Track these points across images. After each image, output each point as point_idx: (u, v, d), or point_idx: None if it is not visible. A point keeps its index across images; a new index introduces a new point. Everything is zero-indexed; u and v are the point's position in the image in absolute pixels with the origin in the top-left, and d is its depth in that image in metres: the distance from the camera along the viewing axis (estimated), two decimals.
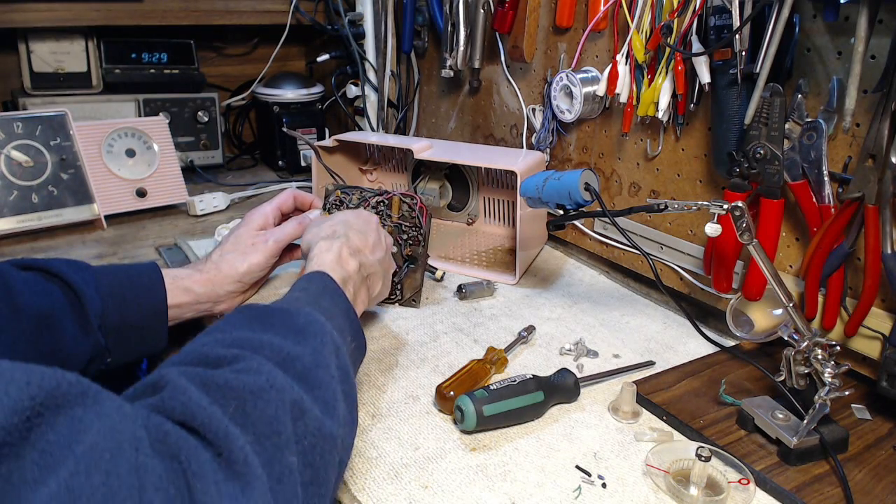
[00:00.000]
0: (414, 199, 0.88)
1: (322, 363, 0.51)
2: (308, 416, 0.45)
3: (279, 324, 0.53)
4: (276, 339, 0.50)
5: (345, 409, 0.51)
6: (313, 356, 0.50)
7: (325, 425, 0.46)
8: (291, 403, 0.44)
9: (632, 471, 0.60)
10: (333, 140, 1.13)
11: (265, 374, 0.44)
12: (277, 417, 0.42)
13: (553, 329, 0.85)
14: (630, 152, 0.96)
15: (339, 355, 0.54)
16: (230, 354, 0.46)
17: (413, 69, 1.38)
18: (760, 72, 0.70)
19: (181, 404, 0.39)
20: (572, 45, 1.01)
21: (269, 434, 0.41)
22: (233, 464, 0.38)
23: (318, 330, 0.54)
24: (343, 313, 0.62)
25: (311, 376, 0.48)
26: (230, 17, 1.40)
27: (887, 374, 0.65)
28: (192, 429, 0.38)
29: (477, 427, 0.63)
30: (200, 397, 0.40)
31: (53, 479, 0.29)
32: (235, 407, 0.41)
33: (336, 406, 0.49)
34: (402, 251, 0.88)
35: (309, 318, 0.55)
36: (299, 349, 0.50)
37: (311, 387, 0.48)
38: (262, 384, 0.43)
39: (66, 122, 1.11)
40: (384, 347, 0.79)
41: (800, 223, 0.76)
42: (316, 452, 0.45)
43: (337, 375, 0.51)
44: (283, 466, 0.41)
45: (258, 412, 0.42)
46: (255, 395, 0.42)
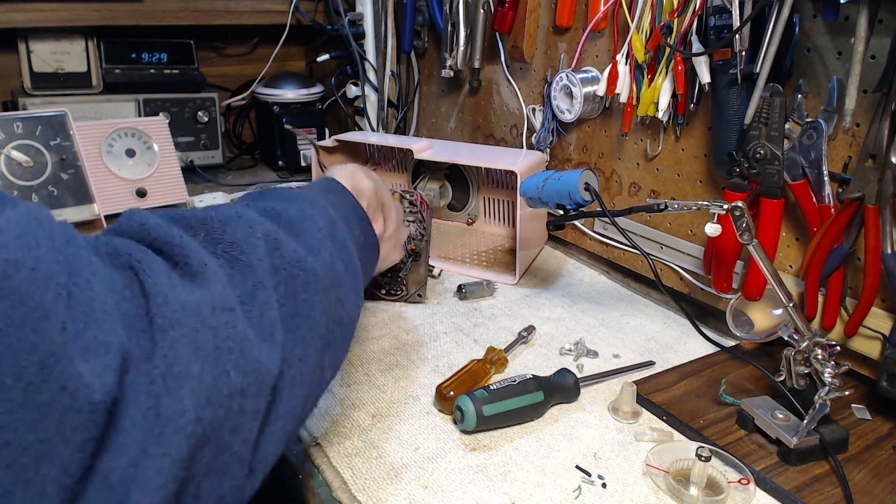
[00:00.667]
0: (414, 195, 0.88)
1: (309, 217, 0.48)
2: (286, 248, 0.43)
3: (272, 195, 0.51)
4: (265, 202, 0.48)
5: (340, 267, 0.48)
6: (299, 212, 0.48)
7: (307, 260, 0.44)
8: (265, 234, 0.42)
9: (632, 471, 0.60)
10: (333, 140, 1.13)
11: (235, 209, 0.43)
12: (248, 241, 0.40)
13: (553, 329, 0.85)
14: (630, 152, 0.96)
15: (334, 225, 0.51)
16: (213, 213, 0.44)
17: (413, 69, 1.38)
18: (760, 72, 0.70)
19: (136, 223, 0.37)
20: (572, 45, 1.01)
21: (240, 254, 0.40)
22: (188, 267, 0.36)
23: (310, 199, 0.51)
24: (350, 209, 0.59)
25: (295, 223, 0.46)
26: (230, 17, 1.40)
27: (887, 374, 0.65)
28: (147, 243, 0.36)
29: (477, 427, 0.63)
30: (159, 219, 0.38)
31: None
32: (204, 233, 0.39)
33: (321, 251, 0.46)
34: (406, 247, 0.88)
35: (302, 193, 0.52)
36: (285, 206, 0.48)
37: (293, 231, 0.45)
38: (231, 214, 0.42)
39: (66, 122, 1.11)
40: (384, 347, 0.79)
41: (800, 223, 0.76)
42: (297, 283, 0.42)
43: (327, 231, 0.49)
44: (255, 282, 0.39)
45: (227, 236, 0.40)
46: (223, 223, 0.41)
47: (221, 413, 0.34)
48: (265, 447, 0.39)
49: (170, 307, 0.33)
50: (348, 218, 0.58)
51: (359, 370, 0.74)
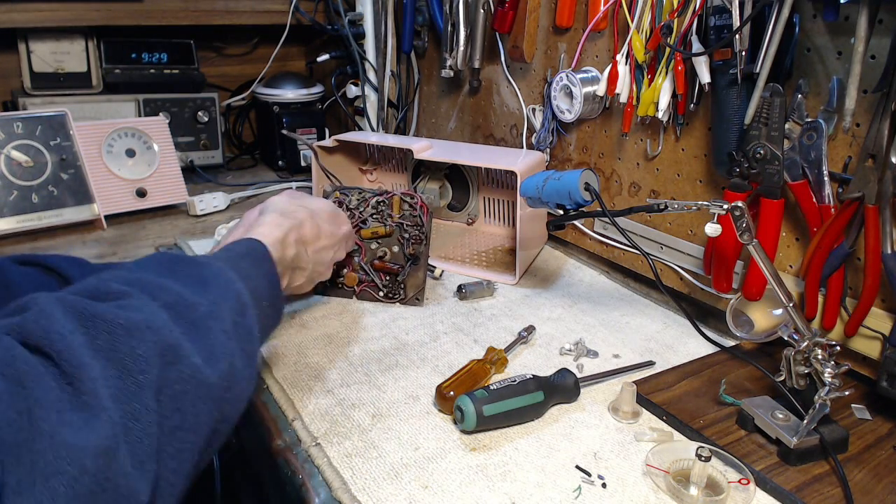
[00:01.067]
0: (414, 198, 0.88)
1: (216, 315, 0.49)
2: (183, 363, 0.43)
3: (185, 272, 0.52)
4: (176, 286, 0.49)
5: (239, 365, 0.49)
6: (209, 307, 0.49)
7: (203, 373, 0.45)
8: (166, 347, 0.43)
9: (632, 471, 0.60)
10: (333, 140, 1.13)
11: (146, 314, 0.43)
12: (146, 357, 0.41)
13: (553, 329, 0.85)
14: (630, 152, 0.96)
15: (243, 313, 0.53)
16: (121, 291, 0.45)
17: (413, 69, 1.38)
18: (760, 72, 0.70)
19: (41, 328, 0.38)
20: (572, 45, 1.01)
21: (133, 371, 0.40)
22: (81, 394, 0.37)
23: (223, 284, 0.53)
24: (264, 278, 0.61)
25: (201, 325, 0.47)
26: (230, 17, 1.40)
27: (887, 374, 0.65)
28: (46, 354, 0.37)
29: (477, 427, 0.63)
30: (63, 325, 0.39)
31: None
32: (104, 340, 0.40)
33: (221, 358, 0.47)
34: (405, 250, 0.88)
35: (218, 272, 0.53)
36: (196, 298, 0.49)
37: (198, 335, 0.46)
38: (138, 321, 0.42)
39: (66, 122, 1.11)
40: (384, 347, 0.79)
41: (800, 223, 0.76)
42: (187, 399, 0.43)
43: (232, 331, 0.50)
44: (141, 406, 0.40)
45: (126, 348, 0.40)
46: (128, 332, 0.41)
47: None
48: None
49: (54, 451, 0.34)
50: (258, 290, 0.59)
51: (359, 370, 0.74)
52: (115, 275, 0.49)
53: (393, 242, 0.89)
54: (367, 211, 0.89)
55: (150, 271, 0.51)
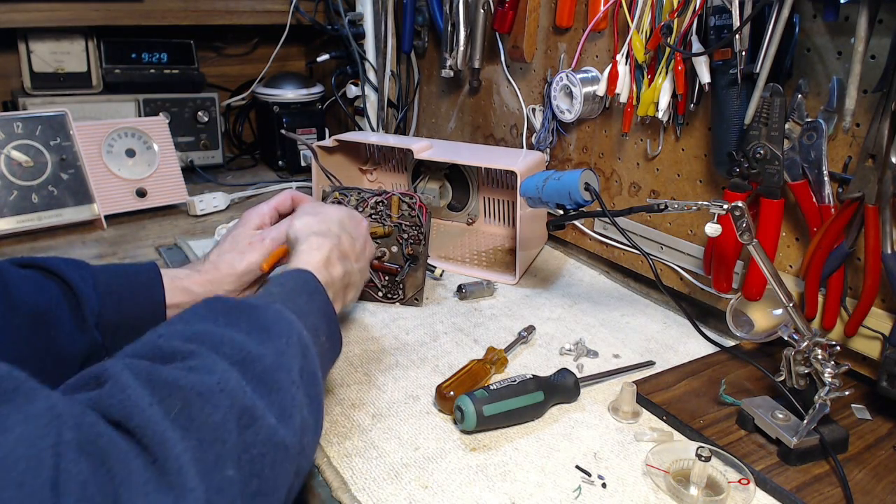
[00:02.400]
0: (413, 199, 0.88)
1: (284, 366, 0.48)
2: (259, 424, 0.42)
3: (245, 319, 0.50)
4: (239, 336, 0.48)
5: (307, 415, 0.48)
6: (276, 358, 0.48)
7: (279, 434, 0.44)
8: (241, 410, 0.42)
9: (632, 471, 0.60)
10: (333, 140, 1.13)
11: (218, 375, 0.42)
12: (224, 425, 0.40)
13: (553, 329, 0.85)
14: (630, 152, 0.96)
15: (306, 356, 0.52)
16: (186, 349, 0.44)
17: (413, 69, 1.38)
18: (760, 72, 0.70)
19: (119, 402, 0.37)
20: (572, 45, 1.01)
21: (213, 441, 0.39)
22: (166, 473, 0.36)
23: (286, 329, 0.51)
24: (320, 312, 0.60)
25: (269, 379, 0.46)
26: (230, 17, 1.40)
27: (887, 374, 0.65)
28: (127, 430, 0.36)
29: (477, 427, 0.63)
30: (141, 396, 0.38)
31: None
32: (180, 409, 0.39)
33: (293, 413, 0.46)
34: (403, 250, 0.88)
35: (278, 316, 0.52)
36: (261, 349, 0.47)
37: (269, 391, 0.45)
38: (212, 386, 0.41)
39: (66, 122, 1.11)
40: (384, 347, 0.79)
41: (800, 223, 0.76)
42: (265, 463, 0.42)
43: (299, 380, 0.49)
44: (223, 477, 0.39)
45: (204, 416, 0.39)
46: (203, 398, 0.40)
47: None
48: None
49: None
50: (317, 327, 0.58)
51: (359, 370, 0.74)
52: (173, 330, 0.48)
53: (392, 243, 0.89)
54: (366, 211, 0.89)
55: (207, 321, 0.49)
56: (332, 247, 0.68)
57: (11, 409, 0.31)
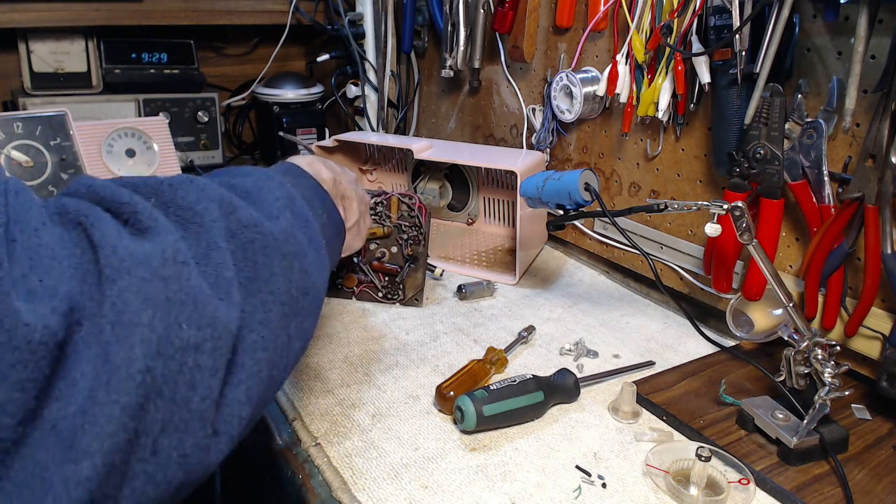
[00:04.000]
0: (413, 199, 0.88)
1: (265, 188, 0.48)
2: (241, 212, 0.42)
3: (225, 171, 0.51)
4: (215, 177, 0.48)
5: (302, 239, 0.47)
6: (255, 183, 0.48)
7: (265, 225, 0.43)
8: (219, 199, 0.41)
9: (632, 471, 0.60)
10: (333, 140, 1.13)
11: (187, 176, 0.42)
12: (200, 202, 0.40)
13: (553, 329, 0.85)
14: (630, 152, 0.96)
15: (293, 202, 0.50)
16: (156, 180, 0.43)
17: (413, 69, 1.38)
18: (760, 72, 0.70)
19: (84, 186, 0.37)
20: (572, 45, 1.01)
21: (190, 217, 0.39)
22: (138, 223, 0.36)
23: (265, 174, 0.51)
24: (311, 189, 0.58)
25: (249, 194, 0.46)
26: (230, 17, 1.40)
27: (887, 374, 0.65)
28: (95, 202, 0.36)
29: (477, 427, 0.63)
30: (106, 182, 0.38)
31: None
32: (156, 199, 0.39)
33: (279, 216, 0.46)
34: (403, 251, 0.88)
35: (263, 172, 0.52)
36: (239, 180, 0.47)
37: (250, 201, 0.45)
38: (181, 179, 0.41)
39: (66, 122, 1.11)
40: (384, 347, 0.79)
41: (800, 223, 0.76)
42: (255, 247, 0.42)
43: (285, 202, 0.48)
44: (209, 243, 0.39)
45: (177, 199, 0.39)
46: (173, 187, 0.40)
47: (174, 366, 0.34)
48: (229, 409, 0.38)
49: (118, 257, 0.33)
50: (308, 197, 0.57)
51: (359, 370, 0.74)
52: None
53: (391, 243, 0.89)
54: None
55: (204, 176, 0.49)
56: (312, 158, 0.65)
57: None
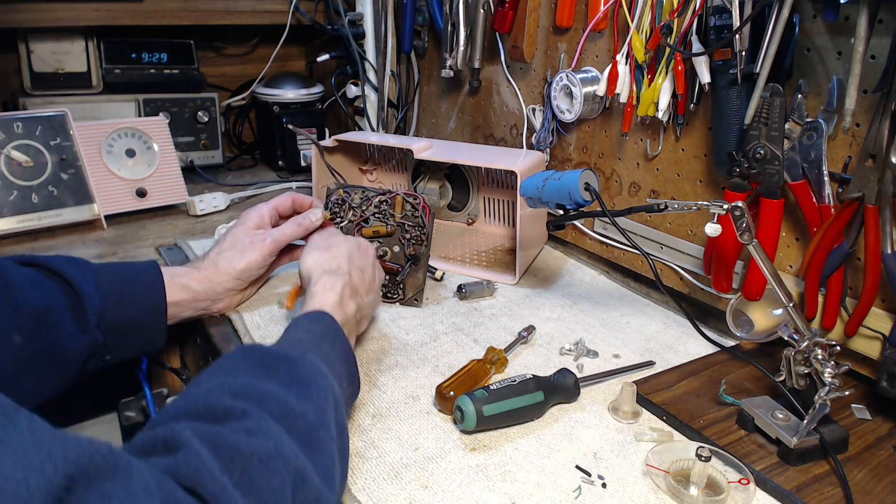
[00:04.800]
0: (417, 199, 0.88)
1: (324, 423, 0.51)
2: (308, 486, 0.46)
3: (284, 372, 0.53)
4: (281, 391, 0.50)
5: (339, 471, 0.51)
6: (317, 416, 0.51)
7: (324, 495, 0.47)
8: (295, 473, 0.45)
9: (632, 471, 0.60)
10: (333, 140, 1.13)
11: (273, 440, 0.45)
12: (281, 489, 0.43)
13: (553, 329, 0.85)
14: (630, 152, 0.96)
15: (337, 410, 0.54)
16: (237, 408, 0.47)
17: (413, 69, 1.38)
18: (760, 72, 0.70)
19: (194, 470, 0.39)
20: (572, 45, 1.01)
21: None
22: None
23: (322, 384, 0.54)
24: (342, 358, 0.62)
25: (313, 439, 0.49)
26: (230, 17, 1.40)
27: (887, 374, 0.65)
28: (201, 497, 0.39)
29: (477, 427, 0.63)
30: (212, 464, 0.40)
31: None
32: (242, 473, 0.42)
33: (334, 472, 0.50)
34: (405, 251, 0.88)
35: (314, 370, 0.55)
36: (303, 406, 0.50)
37: (313, 451, 0.48)
38: (270, 451, 0.44)
39: (66, 122, 1.11)
40: (384, 347, 0.79)
41: (800, 223, 0.76)
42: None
43: (335, 435, 0.52)
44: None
45: (264, 481, 0.42)
46: (263, 464, 0.43)
47: None
48: None
49: None
50: (341, 374, 0.60)
51: (359, 370, 0.74)
52: (218, 384, 0.50)
53: (394, 242, 0.89)
54: (370, 210, 0.89)
55: (247, 374, 0.52)
56: (343, 285, 0.69)
57: (115, 485, 0.34)
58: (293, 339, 0.61)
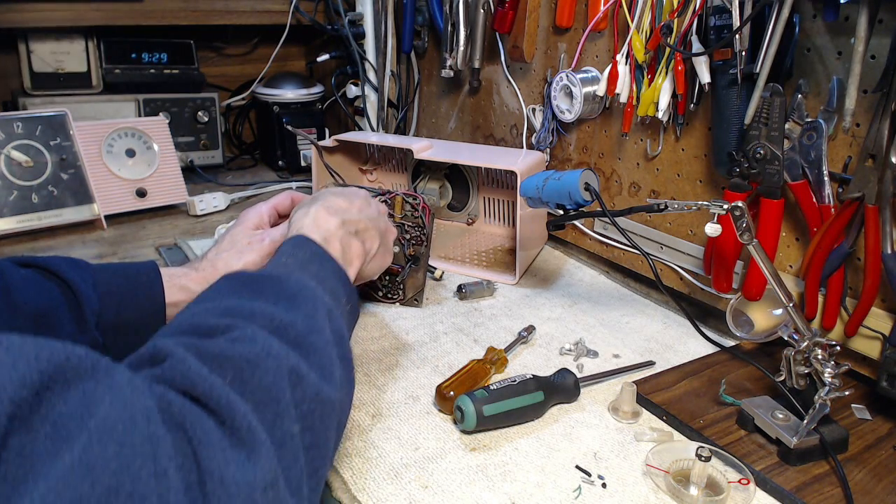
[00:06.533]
0: (417, 199, 0.87)
1: (316, 328, 0.50)
2: (306, 382, 0.45)
3: (269, 290, 0.52)
4: (268, 307, 0.49)
5: (341, 372, 0.50)
6: (306, 322, 0.50)
7: (324, 390, 0.46)
8: (289, 370, 0.44)
9: (632, 471, 0.60)
10: (333, 140, 1.13)
11: (260, 343, 0.44)
12: (276, 384, 0.42)
13: (553, 329, 0.85)
14: (630, 152, 0.96)
15: (332, 319, 0.53)
16: (223, 324, 0.46)
17: (413, 69, 1.38)
18: (760, 72, 0.70)
19: (181, 374, 0.39)
20: (572, 45, 1.01)
21: (269, 401, 0.42)
22: (237, 430, 0.38)
23: (310, 295, 0.53)
24: (333, 274, 0.61)
25: (305, 342, 0.48)
26: (230, 17, 1.40)
27: (887, 374, 0.65)
28: (194, 398, 0.38)
29: (477, 427, 0.63)
30: (200, 367, 0.40)
31: (67, 452, 0.30)
32: (233, 376, 0.41)
33: (333, 370, 0.49)
34: (405, 251, 0.88)
35: (299, 284, 0.54)
36: (291, 315, 0.49)
37: (307, 353, 0.47)
38: (258, 352, 0.43)
39: (66, 122, 1.11)
40: (384, 347, 0.79)
41: (800, 223, 0.76)
42: (315, 416, 0.45)
43: (332, 339, 0.51)
44: (285, 432, 0.41)
45: (256, 380, 0.42)
46: (252, 364, 0.42)
47: None
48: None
49: (225, 490, 0.35)
50: (336, 292, 0.59)
51: (359, 370, 0.74)
52: (204, 308, 0.49)
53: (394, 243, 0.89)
54: None
55: (232, 296, 0.51)
56: (317, 208, 0.68)
57: (97, 383, 0.33)
58: (278, 263, 0.60)
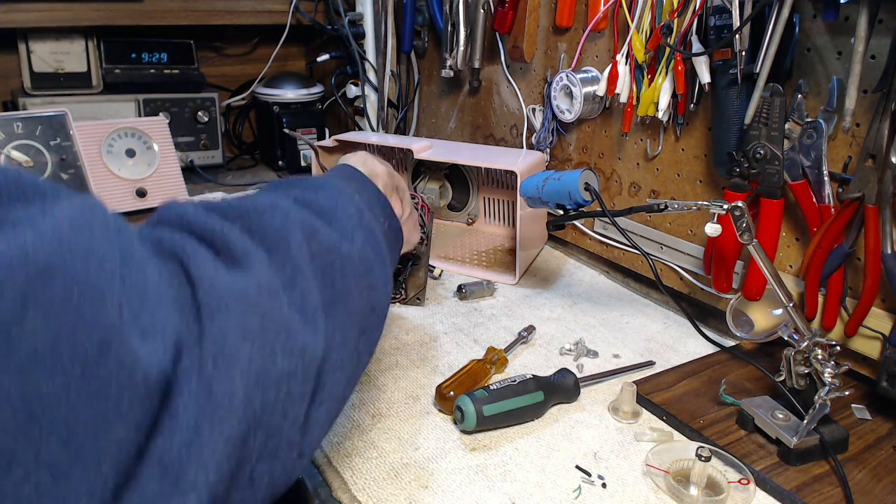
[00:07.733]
0: (417, 199, 0.87)
1: (340, 205, 0.49)
2: (321, 235, 0.43)
3: (297, 184, 0.51)
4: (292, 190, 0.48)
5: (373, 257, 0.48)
6: (329, 201, 0.48)
7: (343, 247, 0.44)
8: (301, 221, 0.43)
9: (632, 471, 0.60)
10: (333, 140, 1.13)
11: (268, 198, 0.43)
12: (285, 228, 0.41)
13: (553, 329, 0.85)
14: (630, 152, 0.96)
15: (361, 215, 0.51)
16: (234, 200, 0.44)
17: (413, 69, 1.38)
18: (760, 72, 0.70)
19: (175, 215, 0.38)
20: (572, 45, 1.01)
21: (277, 242, 0.40)
22: (234, 255, 0.37)
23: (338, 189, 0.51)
24: (373, 195, 0.59)
25: (327, 212, 0.47)
26: (230, 17, 1.40)
27: (887, 374, 0.65)
28: (187, 233, 0.37)
29: (477, 427, 0.63)
30: (196, 210, 0.39)
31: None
32: (241, 222, 0.40)
33: (355, 235, 0.47)
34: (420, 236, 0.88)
35: (329, 182, 0.52)
36: (315, 195, 0.48)
37: (327, 219, 0.46)
38: (266, 203, 0.42)
39: (66, 122, 1.11)
40: (384, 347, 0.79)
41: (800, 223, 0.76)
42: (335, 270, 0.43)
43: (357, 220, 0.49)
44: (294, 268, 0.40)
45: (264, 224, 0.40)
46: (259, 212, 0.41)
47: (271, 396, 0.35)
48: (312, 431, 0.40)
49: (216, 292, 0.34)
50: (372, 205, 0.58)
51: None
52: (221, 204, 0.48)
53: None
54: None
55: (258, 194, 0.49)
56: (366, 154, 0.66)
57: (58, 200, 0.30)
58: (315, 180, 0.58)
